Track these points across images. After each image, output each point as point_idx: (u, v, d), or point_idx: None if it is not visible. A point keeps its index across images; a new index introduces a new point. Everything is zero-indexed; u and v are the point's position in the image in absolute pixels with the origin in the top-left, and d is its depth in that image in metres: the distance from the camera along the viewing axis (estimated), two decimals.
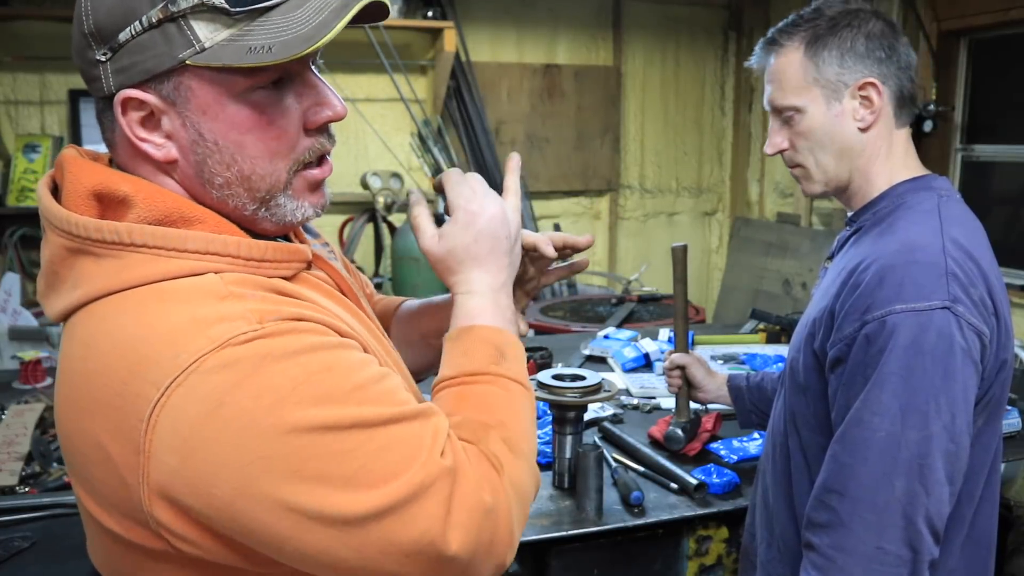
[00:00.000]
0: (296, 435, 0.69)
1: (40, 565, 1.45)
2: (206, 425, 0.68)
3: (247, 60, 0.73)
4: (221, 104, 0.77)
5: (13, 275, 3.28)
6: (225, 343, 0.69)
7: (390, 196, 4.17)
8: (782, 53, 1.26)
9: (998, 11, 3.45)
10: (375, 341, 0.89)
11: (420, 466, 0.73)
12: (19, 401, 2.18)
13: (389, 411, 0.74)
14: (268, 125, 0.79)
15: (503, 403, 0.86)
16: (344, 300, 0.89)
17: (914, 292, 1.07)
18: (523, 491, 0.82)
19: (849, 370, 1.12)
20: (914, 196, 1.22)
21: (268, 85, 0.78)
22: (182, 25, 0.73)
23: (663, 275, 4.43)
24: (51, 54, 3.72)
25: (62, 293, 0.78)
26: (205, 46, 0.74)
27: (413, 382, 0.98)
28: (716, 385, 1.78)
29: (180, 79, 0.75)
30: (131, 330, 0.72)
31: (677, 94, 5.05)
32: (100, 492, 0.75)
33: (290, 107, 0.80)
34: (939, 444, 1.05)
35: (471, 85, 4.39)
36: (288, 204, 0.83)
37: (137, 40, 0.74)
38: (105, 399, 0.71)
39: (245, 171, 0.79)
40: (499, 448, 0.81)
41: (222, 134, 0.77)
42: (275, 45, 0.73)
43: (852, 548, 1.07)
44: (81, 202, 0.77)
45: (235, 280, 0.75)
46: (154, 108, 0.77)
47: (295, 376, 0.70)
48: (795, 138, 1.27)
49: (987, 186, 3.87)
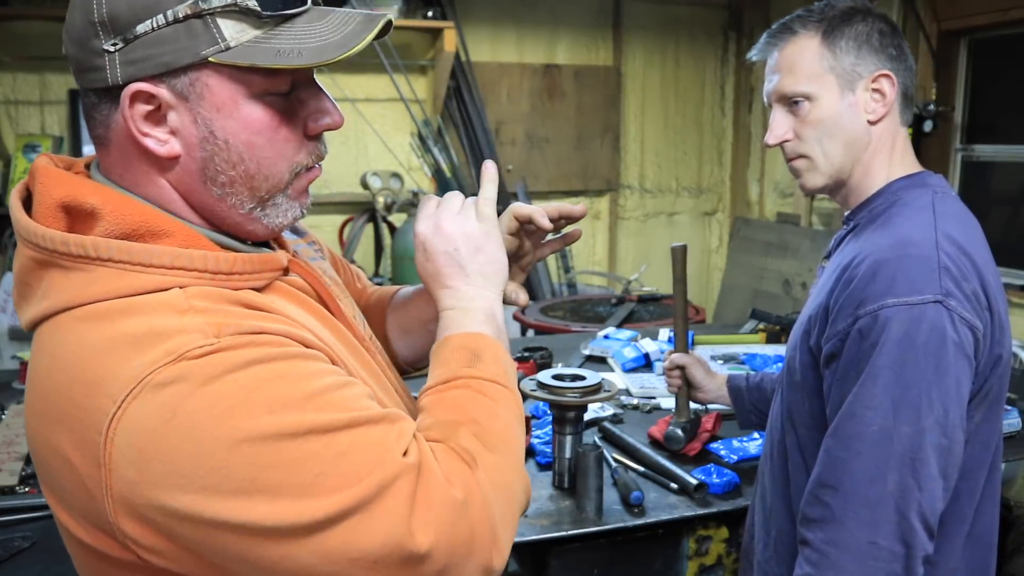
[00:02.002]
0: (249, 444, 0.68)
1: (40, 565, 1.46)
2: (160, 437, 0.68)
3: (277, 62, 0.74)
4: (236, 103, 0.77)
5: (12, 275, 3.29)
6: (180, 356, 0.69)
7: (390, 196, 4.17)
8: (795, 40, 1.25)
9: (998, 11, 3.45)
10: (349, 352, 0.88)
11: (380, 468, 0.71)
12: (19, 401, 2.18)
13: (347, 416, 0.73)
14: (278, 128, 0.80)
15: (475, 403, 0.84)
16: (318, 310, 0.88)
17: (906, 286, 1.07)
18: (506, 488, 0.80)
19: (843, 365, 1.12)
20: (909, 193, 1.22)
21: (281, 90, 0.79)
22: (208, 23, 0.74)
23: (663, 275, 4.43)
24: (51, 54, 3.72)
25: (32, 303, 0.78)
26: (230, 45, 0.75)
27: (398, 388, 0.98)
28: (716, 385, 1.79)
29: (198, 75, 0.76)
30: (93, 344, 0.72)
31: (677, 94, 5.05)
32: (69, 502, 0.75)
33: (296, 113, 0.82)
34: (931, 438, 1.05)
35: (471, 85, 4.39)
36: (283, 204, 0.84)
37: (157, 33, 0.74)
38: (68, 411, 0.71)
39: (251, 171, 0.80)
40: (470, 443, 0.79)
41: (233, 133, 0.78)
42: (305, 51, 0.75)
43: (845, 543, 1.07)
44: (50, 213, 0.76)
45: (198, 294, 0.75)
46: (163, 103, 0.76)
47: (246, 385, 0.69)
48: (802, 127, 1.25)
49: (987, 186, 3.87)
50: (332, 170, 4.26)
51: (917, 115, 3.67)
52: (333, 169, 4.26)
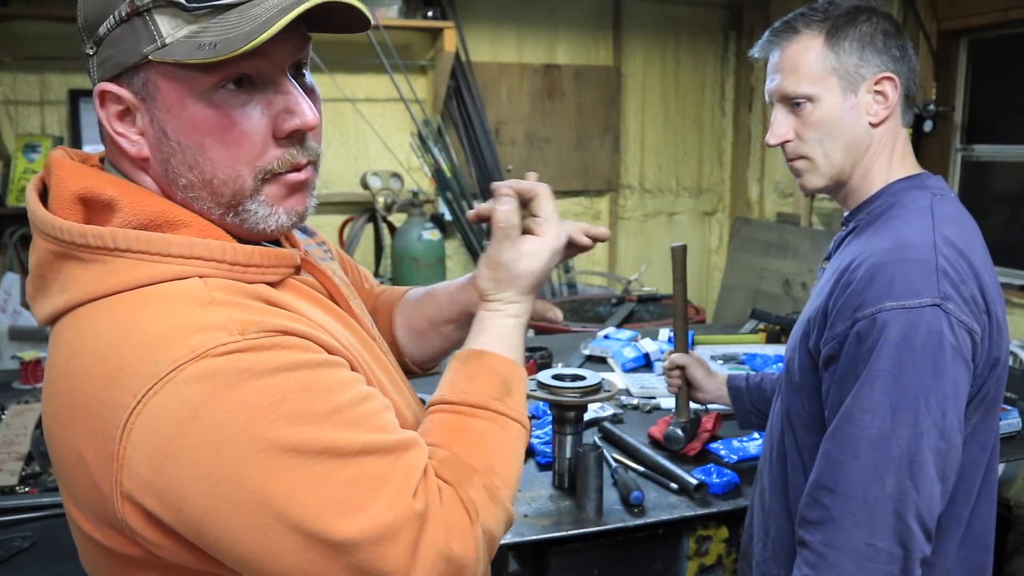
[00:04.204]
0: (266, 455, 0.68)
1: (40, 565, 1.46)
2: (179, 437, 0.68)
3: (195, 56, 0.71)
4: (183, 103, 0.75)
5: (13, 275, 3.29)
6: (204, 354, 0.69)
7: (390, 196, 4.17)
8: (798, 40, 1.23)
9: (998, 11, 3.45)
10: (365, 351, 0.88)
11: (387, 505, 0.72)
12: (19, 401, 2.18)
13: (364, 439, 0.73)
14: (229, 128, 0.76)
15: (497, 445, 0.84)
16: (333, 308, 0.88)
17: (904, 289, 1.07)
18: (493, 537, 0.82)
19: (841, 368, 1.12)
20: (908, 195, 1.22)
21: (230, 85, 0.75)
22: (147, 20, 0.73)
23: (663, 275, 4.43)
24: (51, 54, 3.71)
25: (49, 297, 0.78)
26: (166, 42, 0.73)
27: (408, 390, 0.98)
28: (716, 385, 1.79)
29: (148, 75, 0.75)
30: (112, 336, 0.71)
31: (677, 94, 5.04)
32: (80, 498, 0.75)
33: (256, 112, 0.77)
34: (929, 441, 1.05)
35: (471, 85, 4.39)
36: (260, 211, 0.80)
37: (112, 34, 0.75)
38: (84, 404, 0.71)
39: (207, 174, 0.77)
40: (479, 495, 0.80)
41: (184, 133, 0.76)
42: (219, 42, 0.71)
43: (843, 545, 1.07)
44: (67, 206, 0.76)
45: (219, 287, 0.75)
46: (128, 103, 0.77)
47: (271, 394, 0.69)
48: (803, 128, 1.25)
49: (987, 186, 3.86)
50: (332, 170, 4.26)
51: (917, 115, 3.67)
52: (333, 169, 4.26)
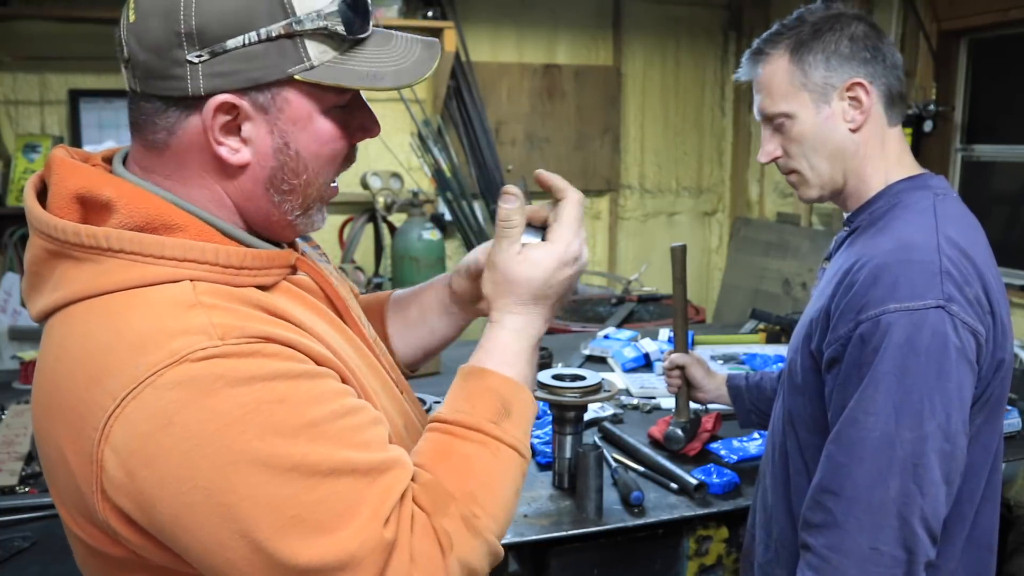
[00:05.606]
0: (234, 467, 0.68)
1: (40, 565, 1.46)
2: (153, 442, 0.68)
3: (361, 83, 0.80)
4: (311, 118, 0.81)
5: (13, 275, 3.28)
6: (183, 358, 0.69)
7: (390, 196, 4.17)
8: (768, 62, 1.27)
9: (998, 11, 3.45)
10: (358, 356, 0.88)
11: (355, 531, 0.71)
12: (19, 401, 2.18)
13: (339, 456, 0.72)
14: (339, 139, 0.85)
15: (483, 471, 0.82)
16: (325, 311, 0.88)
17: (908, 291, 1.07)
18: (473, 571, 0.79)
19: (844, 370, 1.12)
20: (910, 195, 1.22)
21: (342, 105, 0.84)
22: (297, 43, 0.78)
23: (663, 275, 4.43)
24: (51, 54, 3.71)
25: (43, 294, 0.78)
26: (314, 64, 0.79)
27: (404, 391, 0.97)
28: (715, 385, 1.78)
29: (280, 90, 0.79)
30: (100, 335, 0.72)
31: (677, 94, 5.04)
32: (64, 496, 0.76)
33: (350, 127, 0.86)
34: (934, 444, 1.05)
35: (471, 85, 4.39)
36: (318, 215, 0.88)
37: (248, 49, 0.76)
38: (69, 403, 0.72)
39: (311, 179, 0.84)
40: (454, 526, 0.77)
41: (304, 144, 0.82)
42: (386, 74, 0.81)
43: (847, 549, 1.07)
44: (64, 205, 0.77)
45: (207, 290, 0.75)
46: (243, 114, 0.78)
47: (244, 404, 0.69)
48: (788, 144, 1.27)
49: (987, 186, 3.86)
50: None
51: (917, 115, 3.67)
52: None
